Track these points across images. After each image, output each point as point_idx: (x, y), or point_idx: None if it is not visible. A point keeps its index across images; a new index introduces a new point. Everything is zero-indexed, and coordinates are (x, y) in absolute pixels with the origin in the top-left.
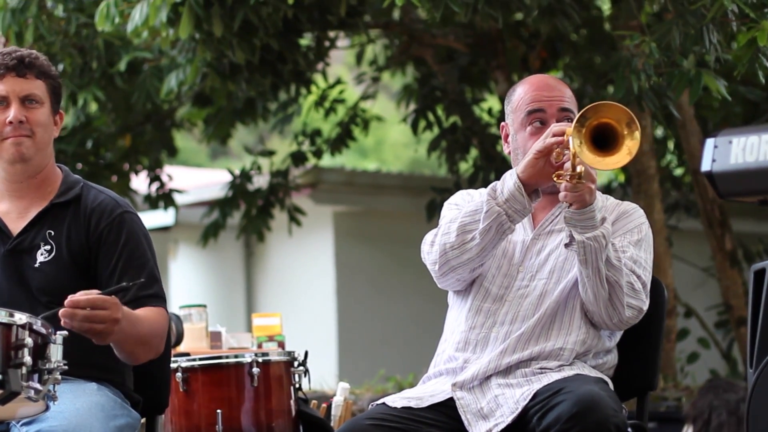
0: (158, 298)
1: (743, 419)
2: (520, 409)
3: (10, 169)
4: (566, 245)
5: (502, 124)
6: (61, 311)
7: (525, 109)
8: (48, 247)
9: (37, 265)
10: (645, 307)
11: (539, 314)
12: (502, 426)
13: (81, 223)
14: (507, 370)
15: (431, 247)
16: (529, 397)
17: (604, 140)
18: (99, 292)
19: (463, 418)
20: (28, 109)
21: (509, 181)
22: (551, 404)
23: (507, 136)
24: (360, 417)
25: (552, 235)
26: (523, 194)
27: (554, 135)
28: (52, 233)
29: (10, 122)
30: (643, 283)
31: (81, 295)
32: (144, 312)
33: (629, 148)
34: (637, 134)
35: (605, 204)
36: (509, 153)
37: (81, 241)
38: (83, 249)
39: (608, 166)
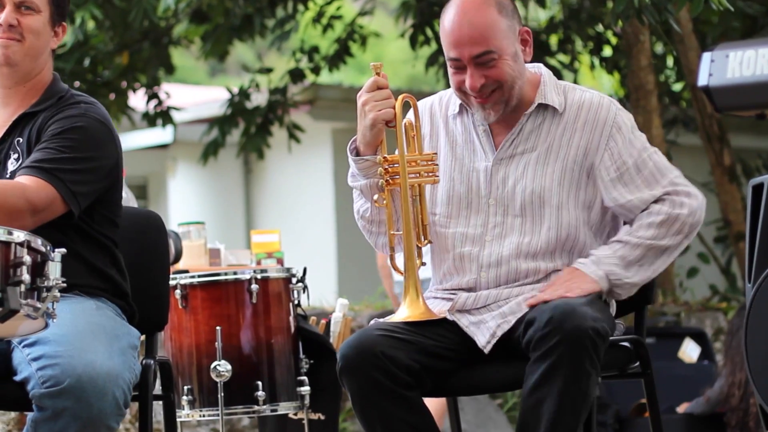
0: (48, 174)
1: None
2: (519, 315)
3: None
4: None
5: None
6: None
7: (446, 53)
8: (16, 156)
9: (8, 175)
10: (693, 199)
11: (523, 254)
12: (506, 328)
13: (43, 126)
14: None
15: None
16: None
17: None
18: None
19: (466, 330)
20: (22, 14)
21: (352, 164)
22: (533, 315)
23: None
24: (369, 328)
25: (513, 161)
26: (367, 158)
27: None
28: (21, 140)
29: (0, 25)
30: (669, 184)
31: None
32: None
33: None
34: None
35: (567, 99)
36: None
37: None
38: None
39: None
